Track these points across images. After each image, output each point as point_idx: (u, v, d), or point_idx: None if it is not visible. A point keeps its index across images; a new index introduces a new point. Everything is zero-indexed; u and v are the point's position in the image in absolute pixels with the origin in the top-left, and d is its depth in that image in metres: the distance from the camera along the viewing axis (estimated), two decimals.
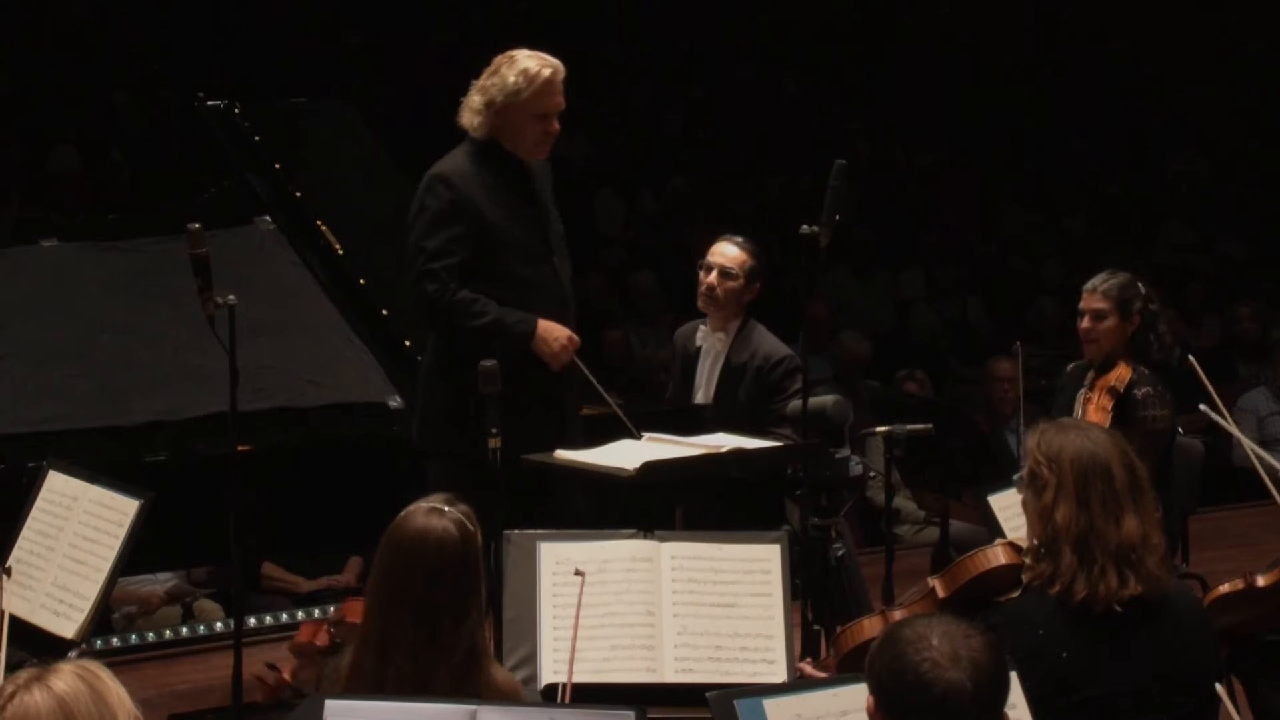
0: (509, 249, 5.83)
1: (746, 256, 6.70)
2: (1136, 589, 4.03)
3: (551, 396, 5.87)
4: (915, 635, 3.15)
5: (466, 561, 3.83)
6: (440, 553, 3.80)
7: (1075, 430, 4.20)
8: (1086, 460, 4.10)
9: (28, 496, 5.33)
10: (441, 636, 3.77)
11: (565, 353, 5.80)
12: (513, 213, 5.87)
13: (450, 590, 3.79)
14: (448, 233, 5.78)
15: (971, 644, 3.15)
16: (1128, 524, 4.07)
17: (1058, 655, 3.99)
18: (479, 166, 5.87)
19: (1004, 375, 9.49)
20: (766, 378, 6.62)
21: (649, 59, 14.43)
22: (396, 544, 3.85)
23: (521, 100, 5.82)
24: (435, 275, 5.75)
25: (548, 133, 5.89)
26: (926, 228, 13.52)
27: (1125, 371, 6.37)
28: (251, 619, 6.99)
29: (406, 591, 3.79)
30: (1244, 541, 5.31)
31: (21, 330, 6.39)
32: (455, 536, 3.82)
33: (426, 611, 3.77)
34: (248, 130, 6.87)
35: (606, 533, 4.87)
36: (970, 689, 3.11)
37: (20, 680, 2.90)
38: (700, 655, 4.66)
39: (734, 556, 4.81)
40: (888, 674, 3.17)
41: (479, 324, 5.74)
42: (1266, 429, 9.98)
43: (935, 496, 6.77)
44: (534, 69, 5.85)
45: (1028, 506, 4.18)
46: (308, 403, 6.42)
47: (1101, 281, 6.53)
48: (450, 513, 3.86)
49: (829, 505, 5.63)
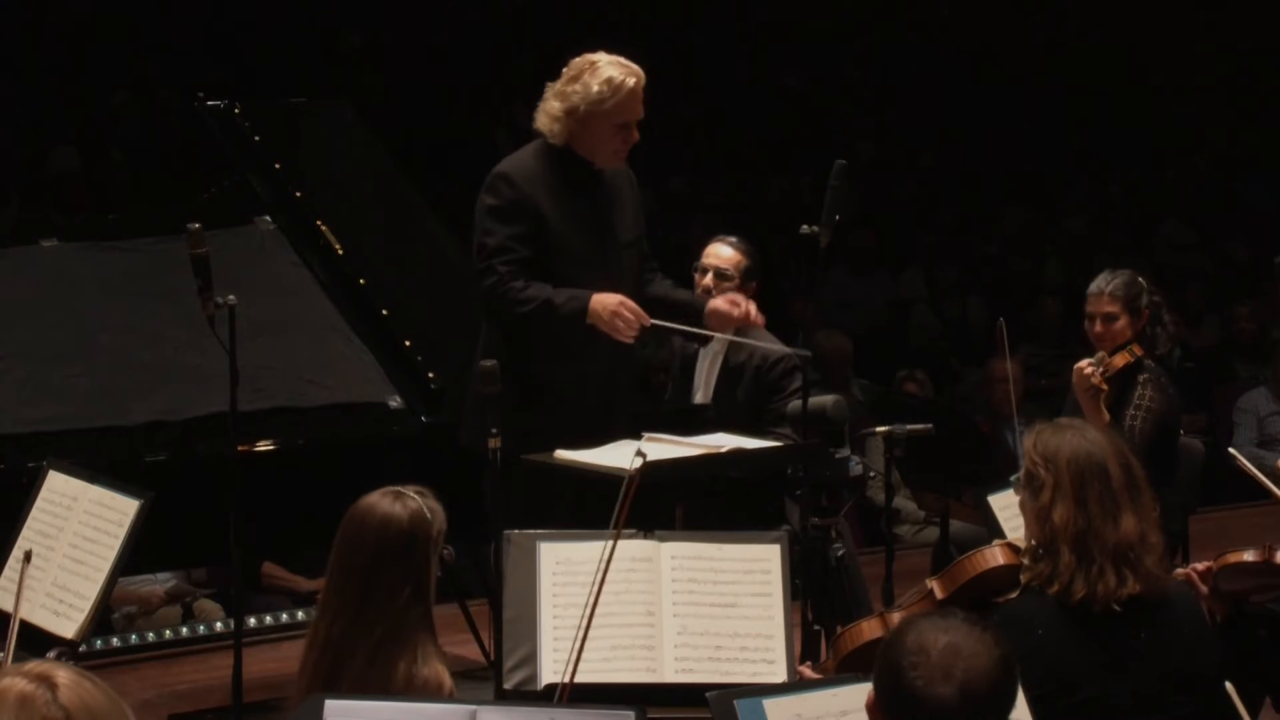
0: (566, 253, 5.81)
1: (741, 257, 6.70)
2: (1135, 588, 4.03)
3: (599, 387, 5.84)
4: (916, 645, 3.09)
5: (411, 548, 3.98)
6: (383, 530, 3.96)
7: (1072, 430, 4.21)
8: (1083, 460, 4.11)
9: (28, 496, 5.34)
10: (366, 611, 3.92)
11: (621, 320, 5.67)
12: (574, 218, 5.84)
13: (386, 570, 3.94)
14: (508, 230, 5.76)
15: (972, 663, 3.06)
16: (1125, 523, 4.07)
17: (1057, 655, 3.99)
18: (546, 168, 5.83)
19: (1004, 375, 9.48)
20: (765, 377, 6.62)
21: (649, 59, 14.42)
22: (350, 514, 4.03)
23: (605, 109, 5.77)
24: (493, 270, 5.75)
25: (627, 142, 5.85)
26: (926, 228, 13.52)
27: (1130, 356, 6.42)
28: (251, 619, 6.99)
29: (348, 561, 3.97)
30: (1244, 541, 5.33)
31: (21, 330, 6.38)
32: (403, 520, 3.98)
33: (358, 583, 3.94)
34: (248, 130, 6.86)
35: (607, 533, 4.87)
36: (955, 706, 3.06)
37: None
38: (700, 655, 4.66)
39: (734, 556, 4.81)
40: (884, 673, 3.16)
41: (530, 309, 5.73)
42: (1266, 429, 9.98)
43: (935, 496, 6.78)
44: (618, 77, 5.79)
45: (1025, 507, 4.18)
46: (308, 403, 6.41)
47: (1106, 283, 6.54)
48: (411, 500, 4.02)
49: (829, 505, 5.62)
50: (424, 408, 6.44)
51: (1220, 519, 8.53)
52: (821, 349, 9.83)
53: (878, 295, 12.43)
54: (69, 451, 5.76)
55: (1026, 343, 11.45)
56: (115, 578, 5.12)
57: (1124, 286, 6.51)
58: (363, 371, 6.51)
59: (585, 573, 4.75)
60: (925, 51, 15.60)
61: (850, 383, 9.85)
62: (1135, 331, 6.51)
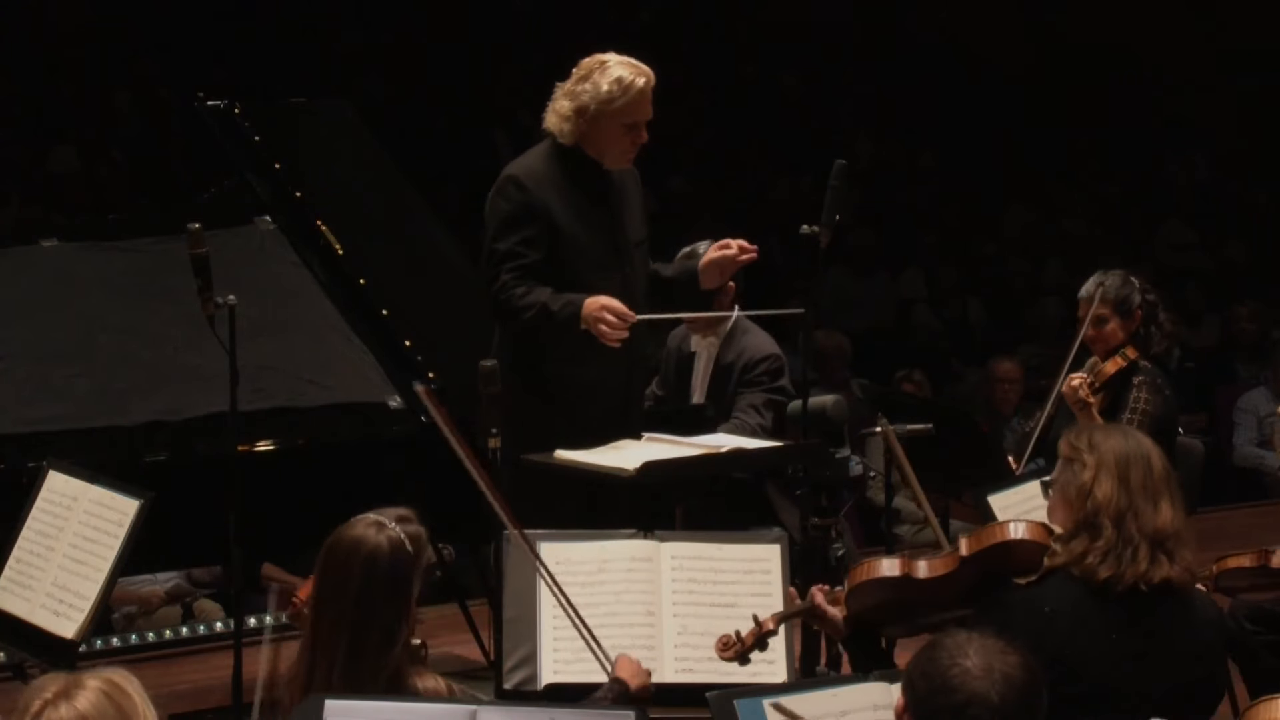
0: (578, 255, 5.79)
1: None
2: (1167, 574, 4.03)
3: (616, 388, 5.84)
4: (955, 644, 3.22)
5: (396, 582, 3.80)
6: (370, 570, 3.78)
7: (1111, 428, 4.31)
8: (1127, 448, 4.14)
9: (28, 496, 5.34)
10: (366, 658, 3.75)
11: (604, 323, 5.61)
12: (584, 218, 5.82)
13: (378, 611, 3.77)
14: (518, 235, 5.75)
15: (1008, 660, 3.19)
16: (1165, 511, 4.09)
17: (1068, 639, 3.98)
18: (555, 169, 5.82)
19: (1004, 376, 9.49)
20: (747, 374, 6.60)
21: (649, 59, 14.41)
22: (331, 551, 3.85)
23: (614, 109, 5.75)
24: (498, 276, 5.74)
25: (635, 142, 5.84)
26: (926, 228, 13.52)
27: (1122, 360, 6.42)
28: (251, 619, 6.99)
29: (339, 606, 3.78)
30: (1244, 541, 5.34)
31: (21, 330, 6.38)
32: (385, 553, 3.79)
33: (355, 631, 3.76)
34: (248, 130, 6.85)
35: (606, 533, 4.88)
36: (995, 703, 3.13)
37: (48, 694, 2.89)
38: (700, 655, 4.67)
39: (734, 556, 4.82)
40: (920, 674, 3.22)
41: (528, 316, 5.72)
42: (1266, 429, 9.98)
43: (935, 496, 6.77)
44: (628, 77, 5.78)
45: (1063, 491, 4.15)
46: (308, 403, 6.41)
47: (1095, 286, 6.55)
48: (390, 529, 3.83)
49: (829, 505, 5.63)
50: (424, 408, 6.43)
51: (1220, 519, 8.54)
52: (821, 348, 9.83)
53: (878, 295, 12.43)
54: (69, 451, 5.75)
55: (1026, 343, 11.46)
56: (115, 578, 5.12)
57: (1113, 289, 6.51)
58: (363, 371, 6.51)
59: (585, 573, 4.76)
60: (925, 51, 15.60)
61: (850, 382, 9.85)
62: (1127, 333, 6.50)
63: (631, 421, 5.77)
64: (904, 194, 13.90)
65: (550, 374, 5.76)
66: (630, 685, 4.24)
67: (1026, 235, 13.78)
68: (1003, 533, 4.19)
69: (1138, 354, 6.46)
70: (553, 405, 5.74)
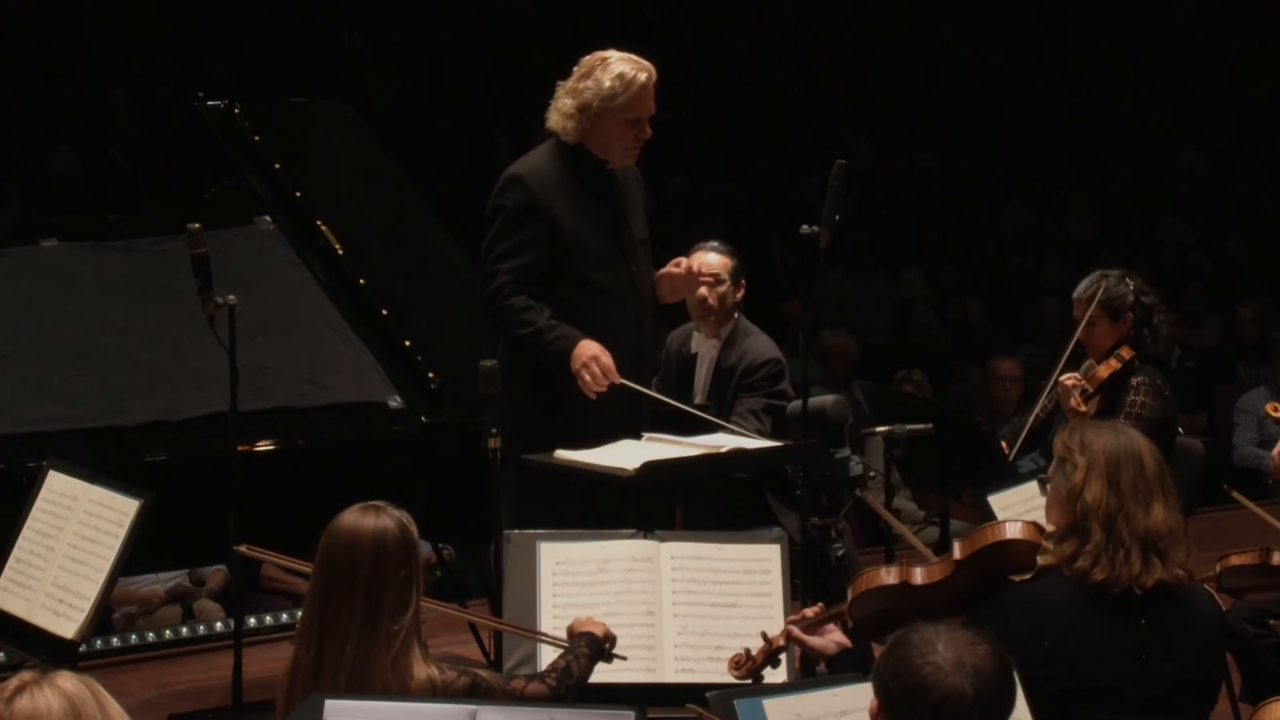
0: (584, 254, 5.78)
1: (728, 259, 6.67)
2: (1161, 576, 4.03)
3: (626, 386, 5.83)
4: (922, 640, 3.17)
5: (408, 555, 4.01)
6: (381, 544, 3.98)
7: (1105, 426, 4.25)
8: (1118, 447, 4.13)
9: (28, 496, 5.34)
10: (382, 624, 3.94)
11: (588, 373, 5.59)
12: (590, 217, 5.81)
13: (393, 580, 3.97)
14: (519, 235, 5.74)
15: (977, 651, 3.16)
16: (1156, 511, 4.08)
17: (1063, 638, 3.98)
18: (559, 168, 5.81)
19: (1004, 375, 9.50)
20: (747, 378, 6.59)
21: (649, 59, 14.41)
22: (334, 538, 4.03)
23: (617, 105, 5.75)
24: (495, 277, 5.73)
25: (639, 138, 5.83)
26: (926, 228, 13.53)
27: (1117, 363, 6.42)
28: (251, 619, 6.99)
29: (351, 582, 3.96)
30: (1244, 541, 5.34)
31: (21, 330, 6.37)
32: (395, 531, 4.00)
33: (370, 600, 3.95)
34: (248, 130, 6.86)
35: (606, 533, 4.88)
36: (971, 696, 3.12)
37: (25, 678, 2.91)
38: (700, 655, 4.67)
39: (734, 556, 4.82)
40: (891, 675, 3.18)
41: (522, 334, 5.70)
42: (1266, 429, 9.99)
43: (935, 496, 6.77)
44: (630, 73, 5.78)
45: (1056, 491, 4.16)
46: (308, 403, 6.40)
47: (1086, 289, 6.57)
48: (390, 511, 4.05)
49: (829, 505, 5.63)
50: (424, 408, 6.44)
51: (1219, 519, 8.52)
52: (826, 348, 9.85)
53: (878, 295, 12.43)
54: (69, 451, 5.76)
55: (1026, 343, 11.46)
56: (115, 578, 5.12)
57: (1103, 291, 6.52)
58: (362, 371, 6.51)
59: (585, 573, 4.76)
60: (925, 52, 15.61)
61: (852, 384, 9.85)
62: (1120, 335, 6.50)
63: (634, 422, 5.77)
64: (904, 194, 13.90)
65: (551, 374, 5.75)
66: (598, 633, 4.37)
67: (1026, 235, 13.78)
68: (996, 533, 4.22)
69: (1134, 355, 6.46)
70: (553, 405, 5.74)
